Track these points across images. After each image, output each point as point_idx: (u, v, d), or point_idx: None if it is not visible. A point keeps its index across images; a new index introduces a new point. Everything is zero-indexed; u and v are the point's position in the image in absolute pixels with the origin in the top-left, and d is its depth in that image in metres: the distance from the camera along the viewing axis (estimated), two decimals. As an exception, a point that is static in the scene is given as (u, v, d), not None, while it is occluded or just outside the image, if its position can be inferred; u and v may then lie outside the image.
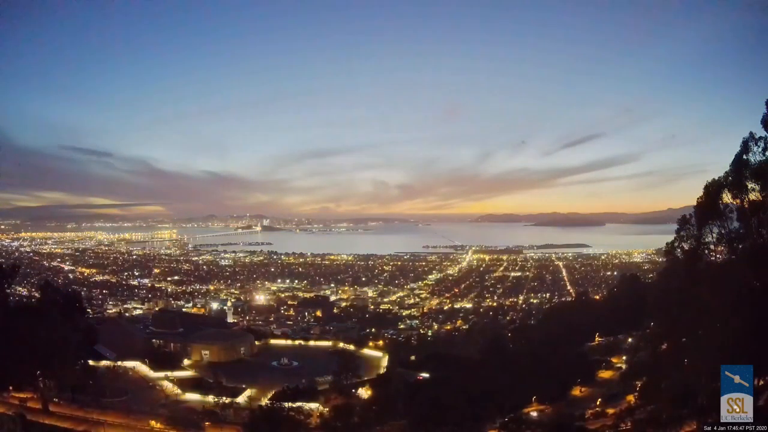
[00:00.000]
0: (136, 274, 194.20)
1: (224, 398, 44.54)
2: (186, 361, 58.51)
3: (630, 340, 62.79)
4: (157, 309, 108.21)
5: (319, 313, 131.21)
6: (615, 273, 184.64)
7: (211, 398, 45.03)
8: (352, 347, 69.23)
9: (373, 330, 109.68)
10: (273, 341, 73.03)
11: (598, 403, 45.44)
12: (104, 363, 52.03)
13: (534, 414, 44.45)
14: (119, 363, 52.63)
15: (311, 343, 72.54)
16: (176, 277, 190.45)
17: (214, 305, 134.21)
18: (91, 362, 49.14)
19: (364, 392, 48.84)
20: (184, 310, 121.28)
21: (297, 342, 72.23)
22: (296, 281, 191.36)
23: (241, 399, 45.73)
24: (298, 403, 41.85)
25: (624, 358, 57.59)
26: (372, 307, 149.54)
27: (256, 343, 66.90)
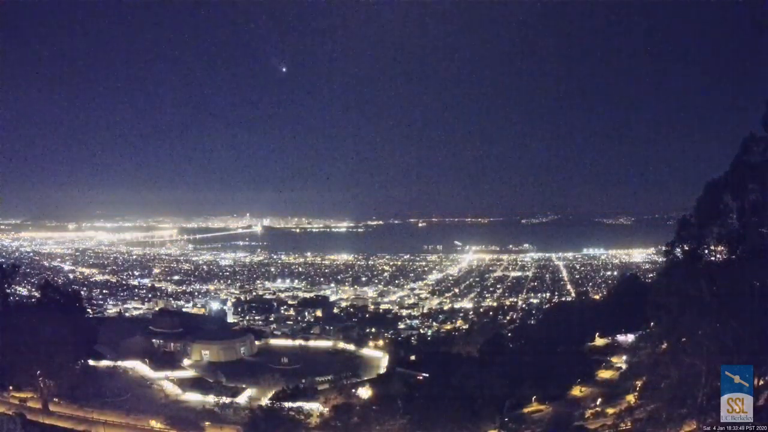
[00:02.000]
0: (136, 274, 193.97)
1: (224, 398, 44.60)
2: (186, 361, 58.51)
3: (630, 340, 62.76)
4: (157, 309, 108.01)
5: (319, 313, 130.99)
6: (615, 273, 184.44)
7: (211, 398, 45.09)
8: (352, 347, 69.30)
9: (373, 330, 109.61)
10: (273, 341, 73.09)
11: (598, 403, 45.43)
12: (104, 363, 52.05)
13: (534, 414, 44.48)
14: (119, 363, 52.62)
15: (311, 343, 72.57)
16: (176, 277, 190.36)
17: (214, 305, 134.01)
18: (91, 362, 49.27)
19: (364, 392, 48.86)
20: (184, 310, 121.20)
21: (297, 342, 72.23)
22: (296, 281, 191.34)
23: (241, 399, 45.77)
24: (298, 403, 41.94)
25: (624, 358, 57.53)
26: (372, 307, 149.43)
27: (256, 343, 66.93)
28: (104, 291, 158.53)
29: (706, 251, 28.21)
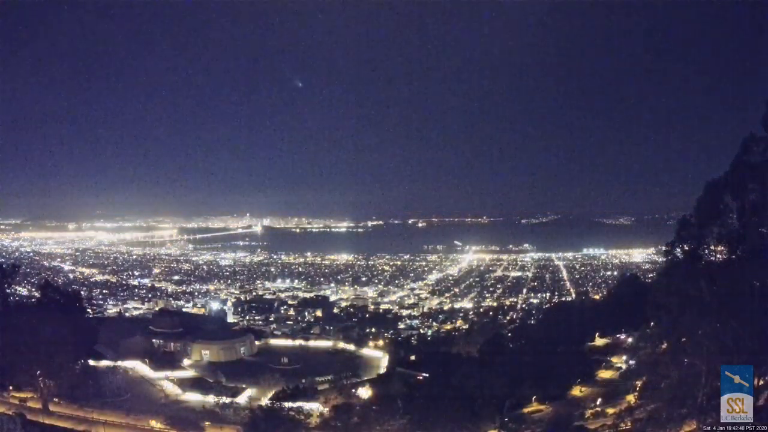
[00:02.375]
0: (136, 274, 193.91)
1: (224, 398, 44.62)
2: (186, 361, 58.55)
3: (630, 340, 62.74)
4: (157, 309, 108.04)
5: (319, 313, 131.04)
6: (615, 273, 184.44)
7: (211, 398, 45.11)
8: (352, 347, 69.35)
9: (373, 330, 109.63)
10: (273, 341, 73.13)
11: (598, 403, 45.43)
12: (104, 363, 52.06)
13: (534, 414, 44.47)
14: (119, 363, 52.64)
15: (311, 343, 72.61)
16: (176, 277, 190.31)
17: (214, 305, 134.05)
18: (91, 362, 49.27)
19: (364, 392, 48.89)
20: (184, 310, 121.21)
21: (297, 342, 72.26)
22: (296, 281, 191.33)
23: (241, 399, 45.79)
24: (298, 403, 41.95)
25: (624, 358, 57.55)
26: (372, 307, 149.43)
27: (256, 343, 66.95)
28: (104, 291, 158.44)
29: (706, 251, 28.25)
